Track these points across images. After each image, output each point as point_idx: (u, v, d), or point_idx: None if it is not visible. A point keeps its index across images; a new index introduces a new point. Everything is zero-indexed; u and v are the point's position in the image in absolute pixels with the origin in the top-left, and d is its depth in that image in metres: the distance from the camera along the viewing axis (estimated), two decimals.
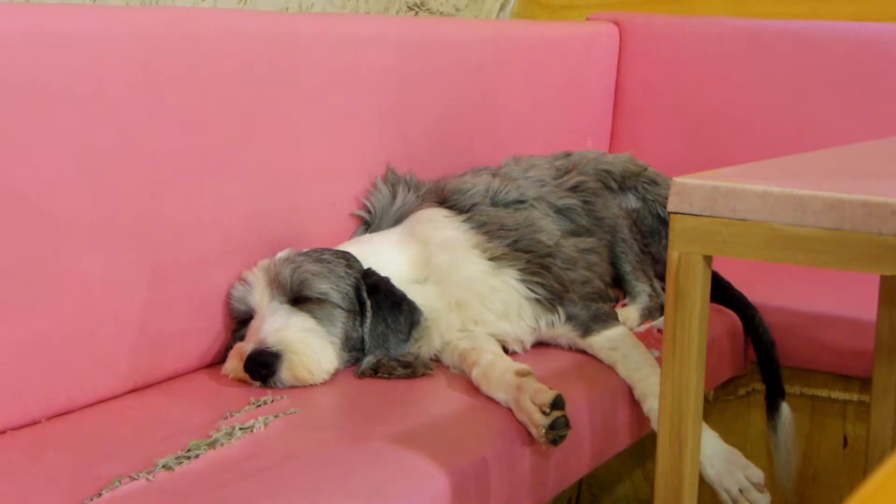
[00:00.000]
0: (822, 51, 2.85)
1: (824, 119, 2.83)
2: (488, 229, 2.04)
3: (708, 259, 1.46)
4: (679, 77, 3.01)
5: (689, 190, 1.43)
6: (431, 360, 1.95)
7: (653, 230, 2.32)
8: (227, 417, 1.66)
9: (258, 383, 1.80)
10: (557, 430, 1.66)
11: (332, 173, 2.15)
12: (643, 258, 2.29)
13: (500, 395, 1.76)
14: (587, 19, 3.18)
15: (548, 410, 1.66)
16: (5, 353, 1.59)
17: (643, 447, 2.25)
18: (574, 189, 2.26)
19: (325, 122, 2.11)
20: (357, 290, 1.90)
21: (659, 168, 2.44)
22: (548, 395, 1.67)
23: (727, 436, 1.96)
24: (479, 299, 1.96)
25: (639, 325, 2.17)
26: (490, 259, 1.99)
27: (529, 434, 1.71)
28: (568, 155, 2.42)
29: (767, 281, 2.46)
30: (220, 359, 1.91)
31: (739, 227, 1.41)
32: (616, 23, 3.11)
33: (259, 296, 1.87)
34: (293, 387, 1.79)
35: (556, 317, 2.00)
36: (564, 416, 1.66)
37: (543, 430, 1.66)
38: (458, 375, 1.89)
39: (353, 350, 1.90)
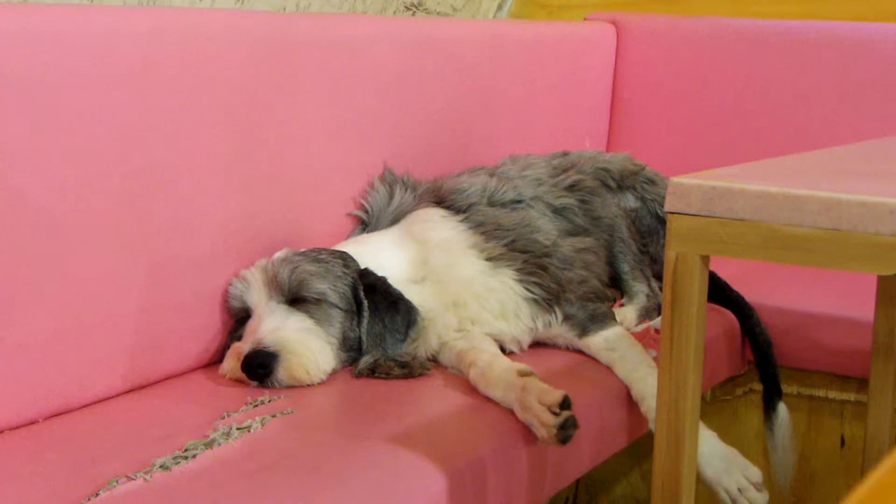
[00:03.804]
0: (820, 51, 2.85)
1: (821, 119, 2.83)
2: (485, 229, 2.04)
3: (705, 259, 1.47)
4: (676, 77, 3.01)
5: (686, 190, 1.43)
6: (429, 360, 1.95)
7: (651, 230, 2.32)
8: (224, 417, 1.66)
9: (255, 383, 1.79)
10: (567, 430, 1.66)
11: (329, 173, 2.15)
12: (641, 258, 2.29)
13: (498, 395, 1.76)
14: (584, 19, 3.18)
15: (557, 410, 1.66)
16: (2, 353, 1.59)
17: (640, 447, 2.25)
18: (571, 188, 2.26)
19: (321, 122, 2.11)
20: (354, 289, 1.90)
21: (656, 168, 2.44)
22: (556, 395, 1.67)
23: (724, 436, 1.96)
24: (477, 299, 1.96)
25: (636, 326, 2.17)
26: (487, 259, 1.99)
27: (527, 434, 1.71)
28: (565, 154, 2.42)
29: (764, 281, 2.46)
30: (218, 359, 1.91)
31: (737, 226, 1.41)
32: (613, 23, 3.11)
33: (256, 296, 1.87)
34: (290, 387, 1.79)
35: (554, 317, 2.00)
36: (573, 416, 1.67)
37: (555, 430, 1.66)
38: (456, 375, 1.89)
39: (351, 350, 1.90)
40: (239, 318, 1.91)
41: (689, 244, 1.44)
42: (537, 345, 2.04)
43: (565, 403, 1.66)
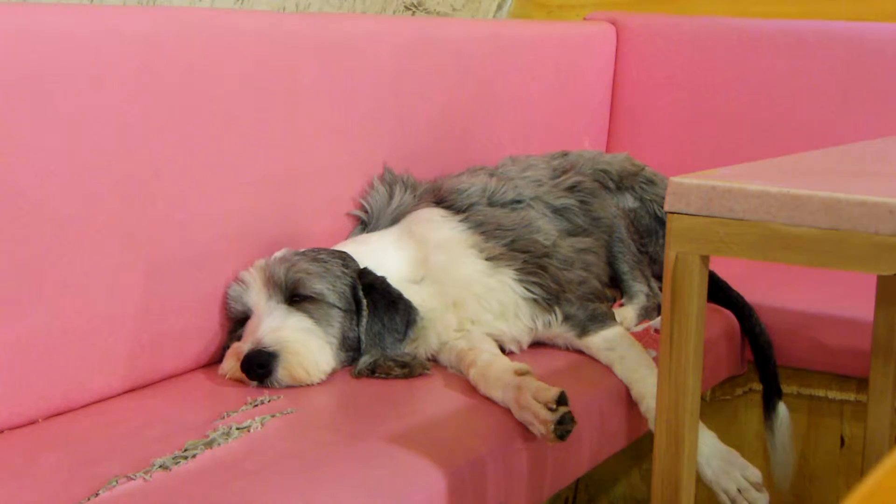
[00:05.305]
0: (819, 51, 2.85)
1: (821, 119, 2.83)
2: (485, 229, 2.04)
3: (705, 259, 1.47)
4: (676, 77, 3.01)
5: (686, 190, 1.43)
6: (428, 359, 1.95)
7: (650, 230, 2.32)
8: (224, 417, 1.66)
9: (255, 383, 1.79)
10: (565, 426, 1.66)
11: (328, 173, 2.15)
12: (640, 258, 2.29)
13: (497, 395, 1.76)
14: (584, 19, 3.18)
15: (554, 406, 1.66)
16: (2, 353, 1.59)
17: (640, 447, 2.25)
18: (571, 189, 2.26)
19: (321, 122, 2.11)
20: (353, 289, 1.90)
21: (656, 168, 2.44)
22: (552, 392, 1.67)
23: (724, 436, 1.96)
24: (476, 299, 1.96)
25: (636, 326, 2.17)
26: (487, 259, 1.99)
27: (527, 434, 1.71)
28: (565, 155, 2.42)
29: (764, 281, 2.46)
30: (217, 359, 1.91)
31: (736, 226, 1.41)
32: (613, 22, 3.11)
33: (256, 295, 1.87)
34: (290, 387, 1.79)
35: (553, 317, 2.00)
36: (570, 412, 1.67)
37: (553, 426, 1.65)
38: (456, 375, 1.89)
39: (350, 350, 1.90)
40: (239, 320, 1.91)
41: (689, 244, 1.44)
42: (537, 345, 2.04)
43: (562, 399, 1.66)
